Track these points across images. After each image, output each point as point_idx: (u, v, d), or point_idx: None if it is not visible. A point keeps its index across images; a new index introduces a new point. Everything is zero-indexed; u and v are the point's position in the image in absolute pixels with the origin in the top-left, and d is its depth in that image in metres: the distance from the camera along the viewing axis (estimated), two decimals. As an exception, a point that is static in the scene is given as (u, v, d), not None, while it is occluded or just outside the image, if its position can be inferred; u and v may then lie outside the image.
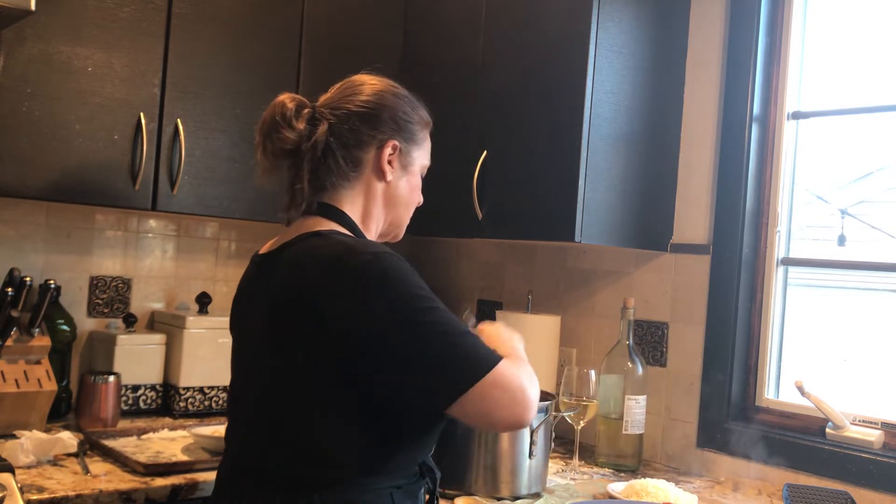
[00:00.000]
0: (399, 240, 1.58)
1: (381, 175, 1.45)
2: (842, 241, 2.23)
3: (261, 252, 1.49)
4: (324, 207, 1.44)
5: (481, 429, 1.72)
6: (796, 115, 2.27)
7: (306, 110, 1.42)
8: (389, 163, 1.45)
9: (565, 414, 2.11)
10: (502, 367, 1.25)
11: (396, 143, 1.45)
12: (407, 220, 1.54)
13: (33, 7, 1.75)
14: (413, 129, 1.48)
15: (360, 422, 1.29)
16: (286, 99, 1.42)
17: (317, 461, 1.30)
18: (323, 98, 1.48)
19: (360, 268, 1.26)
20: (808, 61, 2.28)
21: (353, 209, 1.45)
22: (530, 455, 1.91)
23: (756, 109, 2.27)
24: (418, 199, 1.54)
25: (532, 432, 1.90)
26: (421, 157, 1.52)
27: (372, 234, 1.50)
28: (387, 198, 1.48)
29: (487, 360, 1.25)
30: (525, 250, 2.79)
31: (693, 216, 2.36)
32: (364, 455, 1.30)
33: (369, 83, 1.48)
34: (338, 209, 1.44)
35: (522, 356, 1.41)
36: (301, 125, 1.40)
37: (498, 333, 1.48)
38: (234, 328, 1.52)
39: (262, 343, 1.37)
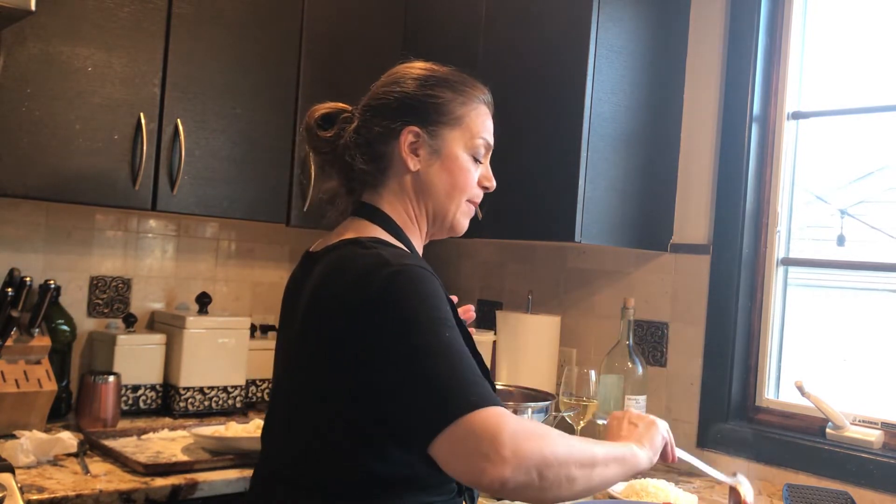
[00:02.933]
0: (458, 234, 1.46)
1: (405, 166, 1.37)
2: (841, 241, 2.23)
3: (310, 250, 1.43)
4: (364, 208, 1.39)
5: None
6: (796, 115, 2.27)
7: (344, 115, 1.41)
8: (414, 152, 1.37)
9: (565, 414, 2.11)
10: (490, 411, 1.08)
11: (416, 128, 1.36)
12: (455, 211, 1.41)
13: (33, 7, 1.75)
14: (442, 109, 1.38)
15: (375, 435, 1.23)
16: (317, 108, 1.42)
17: (341, 472, 1.24)
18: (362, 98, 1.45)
19: (380, 280, 1.19)
20: (808, 61, 2.28)
21: (392, 209, 1.39)
22: None
23: (756, 109, 2.27)
24: (466, 184, 1.40)
25: None
26: (460, 137, 1.39)
27: (417, 232, 1.42)
28: (419, 189, 1.39)
29: (470, 401, 1.09)
30: (525, 250, 2.79)
31: (693, 216, 2.36)
32: (392, 471, 1.23)
33: (395, 72, 1.43)
34: (378, 209, 1.39)
35: (622, 450, 1.25)
36: (330, 132, 1.39)
37: (622, 422, 1.37)
38: (279, 329, 1.47)
39: (295, 347, 1.33)
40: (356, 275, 1.22)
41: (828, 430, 2.08)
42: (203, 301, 2.54)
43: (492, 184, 1.45)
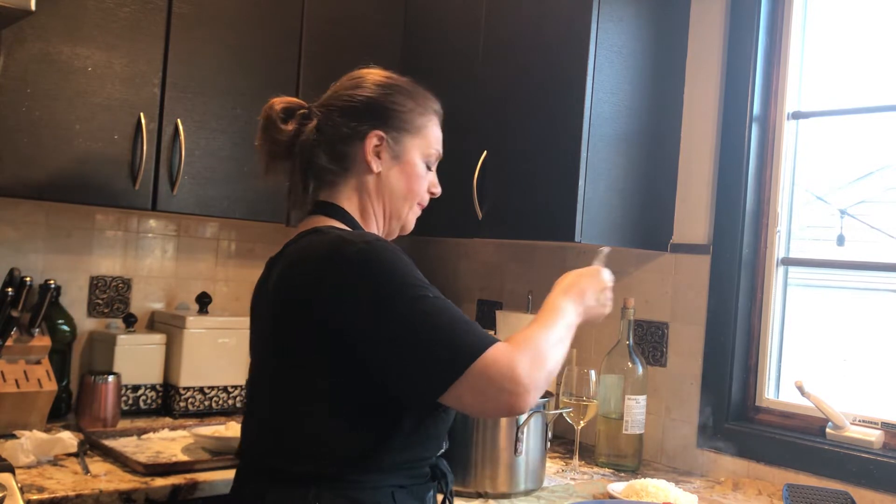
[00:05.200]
0: (407, 233, 1.55)
1: (368, 167, 1.44)
2: (841, 241, 2.23)
3: (272, 256, 1.49)
4: (323, 205, 1.45)
5: (476, 416, 1.66)
6: (796, 115, 2.27)
7: (301, 111, 1.45)
8: (377, 155, 1.44)
9: (563, 411, 2.11)
10: (493, 352, 1.20)
11: (381, 133, 1.43)
12: (407, 212, 1.51)
13: (33, 7, 1.75)
14: (405, 118, 1.45)
15: (354, 416, 1.29)
16: (276, 101, 1.45)
17: (315, 456, 1.30)
18: (321, 97, 1.49)
19: (349, 256, 1.25)
20: (808, 61, 2.28)
21: (350, 205, 1.45)
22: (516, 452, 1.89)
23: (756, 109, 2.27)
24: (419, 190, 1.50)
25: (517, 429, 1.89)
26: (419, 146, 1.48)
27: (374, 228, 1.49)
28: (379, 190, 1.46)
29: (475, 346, 1.20)
30: (525, 250, 2.79)
31: (693, 216, 2.36)
32: (361, 450, 1.29)
33: (357, 76, 1.49)
34: (336, 206, 1.44)
35: (564, 311, 1.38)
36: (290, 126, 1.43)
37: (569, 282, 1.46)
38: (251, 333, 1.52)
39: (266, 341, 1.39)
40: (322, 257, 1.28)
41: (828, 430, 2.08)
42: (203, 301, 2.54)
43: (438, 190, 1.54)
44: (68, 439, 1.89)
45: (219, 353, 2.46)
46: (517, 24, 2.33)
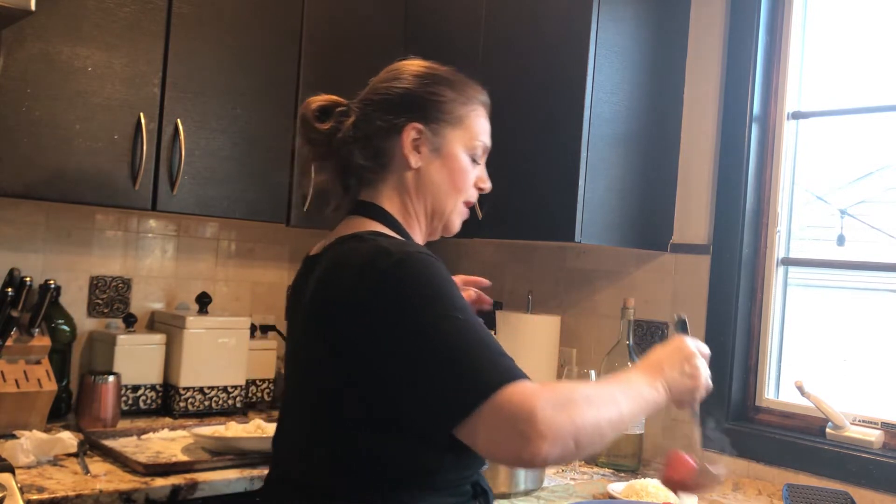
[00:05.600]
0: (451, 234, 1.45)
1: (406, 163, 1.36)
2: (841, 241, 2.23)
3: (310, 254, 1.41)
4: (363, 205, 1.38)
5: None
6: (796, 115, 2.27)
7: (339, 108, 1.38)
8: (416, 149, 1.36)
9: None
10: (515, 387, 1.07)
11: (419, 125, 1.35)
12: (452, 209, 1.41)
13: (33, 7, 1.75)
14: (445, 108, 1.37)
15: (384, 433, 1.20)
16: (312, 100, 1.39)
17: (348, 473, 1.22)
18: (361, 92, 1.42)
19: (384, 269, 1.18)
20: (808, 61, 2.28)
21: (391, 205, 1.37)
22: None
23: (756, 109, 2.27)
24: (464, 184, 1.40)
25: None
26: (461, 137, 1.39)
27: (416, 228, 1.40)
28: (418, 186, 1.37)
29: (495, 379, 1.08)
30: (525, 250, 2.79)
31: (693, 216, 2.36)
32: (412, 470, 1.21)
33: (395, 68, 1.42)
34: (377, 206, 1.37)
35: (637, 383, 1.21)
36: (326, 124, 1.36)
37: (648, 356, 1.28)
38: (287, 336, 1.47)
39: (301, 349, 1.33)
40: (358, 267, 1.21)
41: (828, 430, 2.08)
42: (203, 301, 2.54)
43: (487, 185, 1.45)
44: (68, 439, 1.89)
45: (219, 353, 2.46)
46: (517, 24, 2.33)
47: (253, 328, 2.62)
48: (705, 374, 1.33)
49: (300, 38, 2.44)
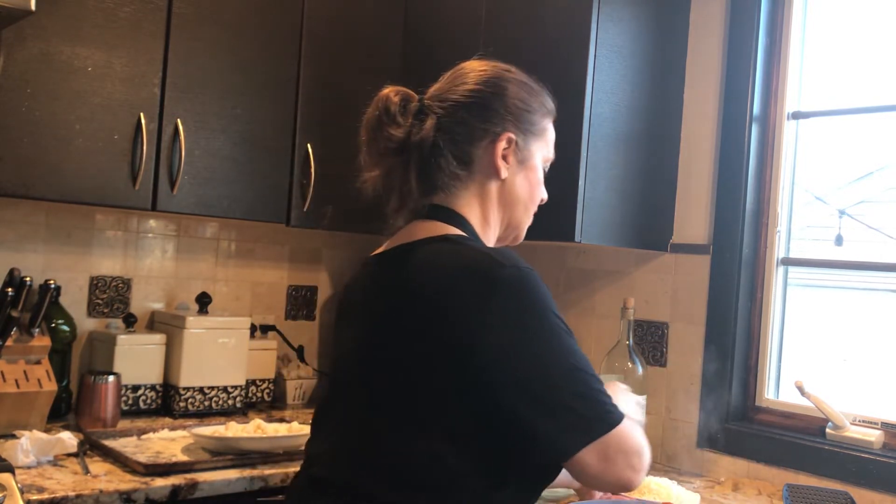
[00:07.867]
0: (517, 244, 1.42)
1: (495, 172, 1.30)
2: (839, 241, 2.23)
3: (375, 254, 1.34)
4: (438, 210, 1.30)
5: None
6: (796, 115, 2.28)
7: (413, 104, 1.29)
8: (504, 158, 1.30)
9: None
10: (629, 424, 1.16)
11: (512, 135, 1.30)
12: (527, 222, 1.39)
13: (33, 7, 1.75)
14: (531, 119, 1.33)
15: (466, 448, 1.16)
16: (390, 93, 1.29)
17: (408, 487, 1.16)
18: (432, 89, 1.34)
19: (502, 280, 1.14)
20: (808, 61, 2.28)
21: (470, 211, 1.31)
22: None
23: (756, 109, 2.27)
24: (540, 196, 1.38)
25: None
26: (541, 149, 1.36)
27: (490, 238, 1.35)
28: (503, 197, 1.33)
29: (615, 413, 1.15)
30: (525, 250, 2.78)
31: (693, 216, 2.37)
32: (464, 488, 1.16)
33: (478, 69, 1.35)
34: (454, 212, 1.30)
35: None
36: (408, 120, 1.27)
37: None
38: (338, 338, 1.38)
39: (368, 352, 1.25)
40: (462, 270, 1.17)
41: (828, 430, 2.08)
42: (203, 301, 2.53)
43: (546, 197, 1.42)
44: (68, 439, 1.89)
45: (219, 354, 2.46)
46: (517, 23, 2.33)
47: (253, 328, 2.62)
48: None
49: (300, 37, 2.44)
